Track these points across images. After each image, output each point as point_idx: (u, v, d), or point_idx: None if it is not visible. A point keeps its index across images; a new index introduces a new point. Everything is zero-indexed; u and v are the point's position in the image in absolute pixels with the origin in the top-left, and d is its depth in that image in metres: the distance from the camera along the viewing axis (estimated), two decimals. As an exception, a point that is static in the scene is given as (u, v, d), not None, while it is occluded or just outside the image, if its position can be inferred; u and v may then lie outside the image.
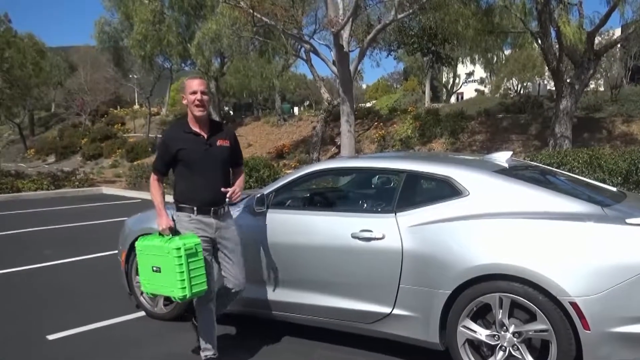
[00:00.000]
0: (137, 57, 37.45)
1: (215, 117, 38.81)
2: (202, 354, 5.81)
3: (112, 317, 7.45)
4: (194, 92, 5.53)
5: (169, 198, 5.72)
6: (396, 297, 5.50)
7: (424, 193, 6.28)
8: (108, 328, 7.12)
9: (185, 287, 5.33)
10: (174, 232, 5.58)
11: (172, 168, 5.76)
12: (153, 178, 5.82)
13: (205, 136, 5.64)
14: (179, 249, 5.29)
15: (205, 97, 5.57)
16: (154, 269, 5.49)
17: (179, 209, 5.73)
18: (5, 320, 7.50)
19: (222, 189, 5.63)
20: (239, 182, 5.94)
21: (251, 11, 21.01)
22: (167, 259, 5.37)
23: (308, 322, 6.26)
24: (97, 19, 40.22)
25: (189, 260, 5.35)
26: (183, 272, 5.30)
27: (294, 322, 6.33)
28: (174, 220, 5.69)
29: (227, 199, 5.73)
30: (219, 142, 5.70)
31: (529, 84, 48.69)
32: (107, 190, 25.42)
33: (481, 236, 5.09)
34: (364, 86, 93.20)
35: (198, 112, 5.56)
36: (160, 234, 5.60)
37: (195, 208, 5.64)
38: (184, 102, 5.66)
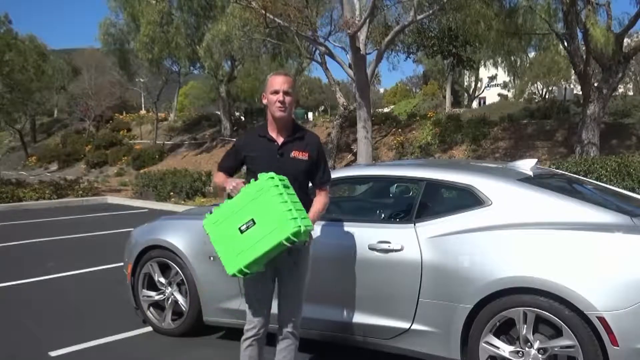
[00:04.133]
0: (143, 60, 37.46)
1: (226, 123, 38.90)
2: None
3: (118, 332, 7.47)
4: (276, 92, 4.98)
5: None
6: (415, 312, 5.50)
7: (445, 202, 6.30)
8: (113, 344, 7.14)
9: (296, 217, 4.59)
10: None
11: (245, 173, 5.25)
12: (216, 173, 5.38)
13: (279, 143, 5.09)
14: (272, 177, 4.71)
15: (287, 98, 5.00)
16: (243, 227, 4.67)
17: None
18: (6, 335, 7.54)
19: None
20: (315, 208, 5.17)
21: (263, 12, 21.04)
22: (260, 201, 4.68)
23: (322, 337, 6.28)
24: (101, 20, 40.33)
25: (287, 192, 4.74)
26: (287, 201, 4.65)
27: (306, 338, 6.21)
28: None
29: None
30: (293, 153, 5.08)
31: (554, 88, 48.62)
32: (112, 199, 25.53)
33: (504, 248, 5.10)
34: (382, 90, 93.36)
35: (278, 114, 5.01)
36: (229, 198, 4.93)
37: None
38: (264, 101, 5.14)
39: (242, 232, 4.66)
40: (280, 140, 5.08)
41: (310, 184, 5.29)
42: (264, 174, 4.75)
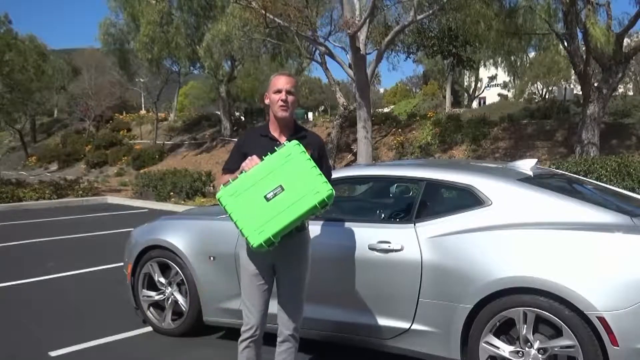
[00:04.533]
0: (143, 60, 37.43)
1: (226, 123, 38.89)
2: None
3: (118, 332, 7.48)
4: (278, 91, 4.98)
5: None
6: (415, 312, 5.51)
7: (445, 202, 6.30)
8: (113, 344, 7.15)
9: (325, 181, 4.61)
10: None
11: None
12: (220, 176, 5.24)
13: (281, 142, 5.03)
14: (298, 144, 4.70)
15: (290, 98, 5.01)
16: (270, 195, 4.56)
17: None
18: (6, 335, 7.55)
19: None
20: None
21: (263, 12, 21.05)
22: (288, 166, 4.62)
23: (322, 337, 6.29)
24: (101, 20, 40.30)
25: (310, 157, 4.72)
26: (315, 166, 4.65)
27: (306, 338, 6.20)
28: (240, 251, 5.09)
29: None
30: None
31: (554, 88, 48.65)
32: (112, 199, 25.54)
33: (504, 248, 5.11)
34: (382, 90, 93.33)
35: (280, 113, 5.00)
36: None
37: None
38: (266, 101, 5.14)
39: (268, 200, 4.56)
40: (282, 139, 5.05)
41: None
42: (287, 142, 4.74)
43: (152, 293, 7.42)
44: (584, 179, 7.97)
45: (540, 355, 4.92)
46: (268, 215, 4.52)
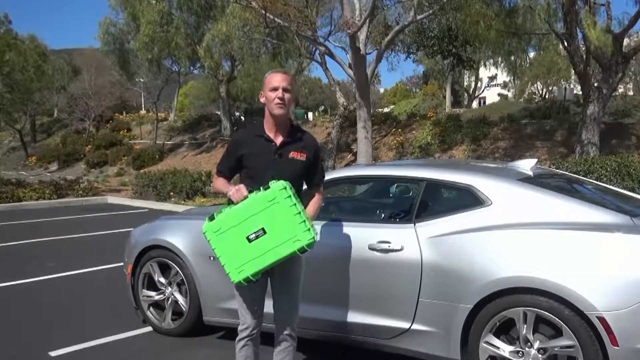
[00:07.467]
0: (143, 60, 37.47)
1: (226, 123, 38.89)
2: None
3: (118, 332, 7.48)
4: (274, 89, 4.91)
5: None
6: (415, 312, 5.51)
7: (445, 202, 6.30)
8: (113, 344, 7.15)
9: (309, 228, 4.63)
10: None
11: (239, 175, 5.19)
12: (215, 177, 5.29)
13: (277, 143, 5.01)
14: (284, 188, 4.65)
15: (287, 95, 4.92)
16: (252, 237, 4.63)
17: None
18: (6, 335, 7.54)
19: None
20: (311, 208, 5.19)
21: (263, 12, 21.04)
22: (272, 210, 4.63)
23: (322, 337, 6.28)
24: (101, 19, 40.28)
25: (297, 201, 4.73)
26: (300, 212, 4.64)
27: (306, 338, 6.23)
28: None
29: None
30: (292, 154, 5.03)
31: (554, 88, 48.58)
32: (112, 199, 25.54)
33: (504, 248, 5.10)
34: (382, 90, 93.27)
35: (277, 110, 4.91)
36: (231, 204, 4.85)
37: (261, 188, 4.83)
38: (262, 99, 5.06)
39: (250, 241, 4.64)
40: (278, 140, 5.02)
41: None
42: (275, 182, 4.70)
43: (152, 293, 7.42)
44: (584, 179, 7.97)
45: (540, 355, 4.91)
46: (248, 256, 4.66)
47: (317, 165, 5.22)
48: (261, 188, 4.71)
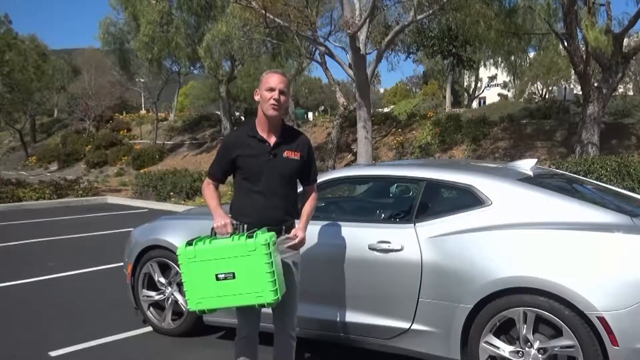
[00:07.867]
0: (143, 60, 37.45)
1: (226, 123, 38.89)
2: None
3: (118, 332, 7.49)
4: (271, 89, 4.89)
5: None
6: (415, 312, 5.51)
7: (445, 202, 6.30)
8: (114, 344, 7.15)
9: (277, 289, 4.64)
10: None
11: (233, 177, 5.18)
12: (206, 182, 5.23)
13: (271, 144, 5.00)
14: (267, 244, 4.59)
15: (282, 98, 4.92)
16: (221, 276, 4.66)
17: None
18: (6, 335, 7.55)
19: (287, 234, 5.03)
20: (307, 207, 5.26)
21: (263, 12, 21.00)
22: (248, 260, 4.61)
23: (322, 337, 6.28)
24: (102, 19, 40.27)
25: (275, 258, 4.70)
26: (274, 271, 4.61)
27: (306, 338, 6.26)
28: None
29: (283, 228, 5.05)
30: (286, 153, 5.03)
31: (554, 88, 48.64)
32: (112, 199, 25.53)
33: (504, 248, 5.11)
34: (382, 90, 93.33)
35: (271, 112, 4.90)
36: (213, 235, 4.92)
37: (245, 226, 4.94)
38: (257, 97, 5.03)
39: (218, 279, 4.69)
40: (271, 140, 5.02)
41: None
42: (260, 234, 4.67)
43: (152, 293, 7.42)
44: (584, 179, 7.97)
45: (540, 355, 4.92)
46: (211, 292, 4.70)
47: (311, 163, 5.24)
48: (246, 234, 4.71)
